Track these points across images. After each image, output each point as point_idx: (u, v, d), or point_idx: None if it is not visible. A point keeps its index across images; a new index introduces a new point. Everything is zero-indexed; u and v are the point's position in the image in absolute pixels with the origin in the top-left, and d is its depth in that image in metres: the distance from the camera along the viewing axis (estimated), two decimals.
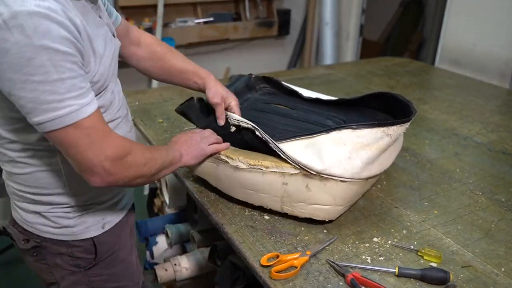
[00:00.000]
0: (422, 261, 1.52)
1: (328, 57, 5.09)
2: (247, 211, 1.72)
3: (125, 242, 1.71)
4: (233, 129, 1.75)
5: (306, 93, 2.09)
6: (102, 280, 1.64)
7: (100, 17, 1.46)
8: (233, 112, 1.79)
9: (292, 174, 1.59)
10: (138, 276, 1.78)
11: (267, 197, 1.66)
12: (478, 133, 2.49)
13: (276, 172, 1.61)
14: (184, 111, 1.84)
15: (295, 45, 5.53)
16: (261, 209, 1.72)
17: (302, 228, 1.65)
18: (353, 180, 1.58)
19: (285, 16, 5.22)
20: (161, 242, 2.79)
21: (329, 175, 1.56)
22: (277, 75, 3.33)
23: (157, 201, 3.01)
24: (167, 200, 2.93)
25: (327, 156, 1.56)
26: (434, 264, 1.50)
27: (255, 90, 2.14)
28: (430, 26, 6.30)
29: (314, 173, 1.56)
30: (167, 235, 2.74)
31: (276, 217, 1.70)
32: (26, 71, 1.14)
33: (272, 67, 5.12)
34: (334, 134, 1.61)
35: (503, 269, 1.50)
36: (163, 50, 1.86)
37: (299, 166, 1.58)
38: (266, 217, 1.69)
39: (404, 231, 1.66)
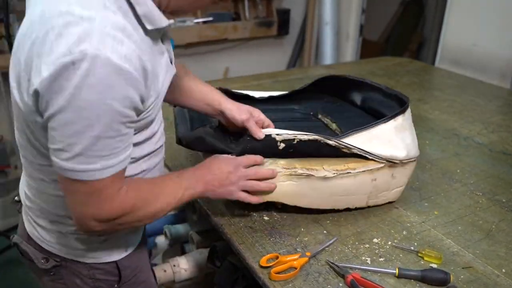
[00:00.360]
0: (422, 262, 1.52)
1: (327, 57, 5.09)
2: (246, 212, 1.72)
3: (145, 263, 1.66)
4: (281, 146, 1.59)
5: (256, 94, 2.10)
6: None
7: (163, 43, 1.34)
8: (267, 125, 1.69)
9: (379, 168, 1.67)
10: None
11: (355, 197, 1.71)
12: (479, 134, 2.49)
13: (365, 171, 1.65)
14: (204, 138, 1.62)
15: (294, 45, 5.53)
16: (261, 210, 1.72)
17: (302, 229, 1.64)
18: (418, 156, 1.77)
19: (284, 16, 5.21)
20: (160, 243, 2.78)
21: (409, 159, 1.71)
22: (276, 75, 3.34)
23: None
24: None
25: (401, 144, 1.69)
26: (434, 265, 1.50)
27: None
28: (430, 26, 6.30)
29: (398, 161, 1.67)
30: (166, 236, 2.73)
31: (276, 218, 1.69)
32: (71, 115, 1.05)
33: (272, 67, 5.10)
34: (393, 123, 1.70)
35: (503, 270, 1.50)
36: (184, 70, 1.71)
37: (386, 160, 1.66)
38: (266, 218, 1.69)
39: (404, 232, 1.66)
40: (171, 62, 1.39)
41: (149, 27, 1.19)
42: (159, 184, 1.37)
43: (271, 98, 2.12)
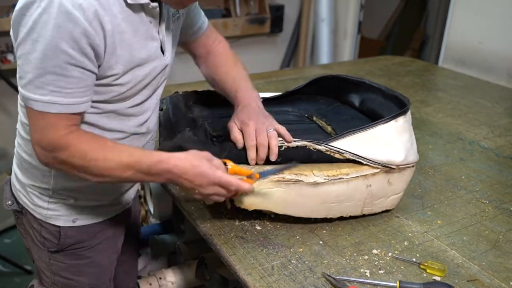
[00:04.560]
0: (425, 275, 1.52)
1: (324, 56, 5.10)
2: (237, 221, 1.72)
3: (99, 243, 1.80)
4: None
5: None
6: (60, 267, 1.77)
7: (158, 32, 1.56)
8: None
9: (374, 174, 1.67)
10: (101, 281, 1.86)
11: (350, 204, 1.71)
12: (485, 138, 2.50)
13: (358, 177, 1.65)
14: (183, 146, 1.60)
15: (288, 43, 5.54)
16: (253, 219, 1.72)
17: (297, 239, 1.65)
18: (417, 161, 1.78)
19: (278, 12, 5.22)
20: (145, 254, 2.78)
21: (406, 165, 1.72)
22: (269, 75, 3.35)
23: (141, 210, 3.00)
24: (151, 209, 2.92)
25: (400, 147, 1.70)
26: (437, 278, 1.50)
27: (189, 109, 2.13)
28: (433, 22, 6.32)
29: (394, 166, 1.68)
30: (151, 247, 2.73)
31: (269, 228, 1.70)
32: (28, 47, 1.29)
33: (264, 66, 5.10)
34: (394, 124, 1.71)
35: (511, 283, 1.51)
36: (229, 63, 1.95)
37: (381, 165, 1.66)
38: (258, 228, 1.69)
39: (406, 243, 1.67)
40: (162, 52, 1.60)
41: (129, 0, 1.40)
42: (114, 151, 1.44)
43: (262, 100, 2.13)
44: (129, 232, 2.05)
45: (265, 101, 2.13)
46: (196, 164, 1.42)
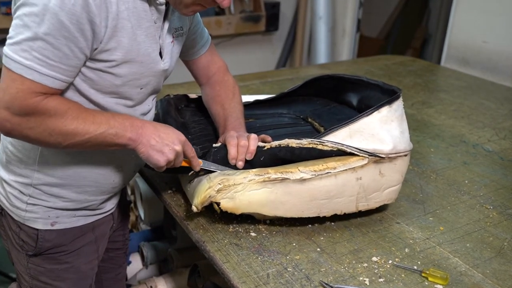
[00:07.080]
0: (426, 283, 1.52)
1: (321, 56, 5.10)
2: (231, 227, 1.72)
3: (79, 248, 1.81)
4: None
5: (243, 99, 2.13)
6: (38, 271, 1.78)
7: (159, 37, 1.62)
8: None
9: (363, 165, 1.67)
10: (81, 287, 1.87)
11: (342, 200, 1.70)
12: (489, 140, 2.50)
13: (346, 170, 1.65)
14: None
15: (284, 42, 5.54)
16: (247, 225, 1.72)
17: (293, 246, 1.65)
18: (410, 150, 1.78)
19: (273, 10, 5.22)
20: (135, 261, 2.78)
21: (396, 153, 1.71)
22: (265, 75, 3.35)
23: (131, 216, 3.00)
24: (142, 215, 2.92)
25: (387, 136, 1.70)
26: (440, 286, 1.50)
27: (180, 113, 2.15)
28: (435, 20, 6.33)
29: (384, 156, 1.67)
30: (142, 254, 2.73)
31: (264, 234, 1.70)
32: (28, 9, 1.31)
33: (259, 66, 5.11)
34: (376, 115, 1.71)
35: None
36: (223, 95, 1.97)
37: (368, 154, 1.66)
38: (253, 234, 1.69)
39: (407, 250, 1.67)
40: (161, 56, 1.64)
41: None
42: (87, 110, 1.49)
43: (257, 102, 2.13)
44: (116, 238, 2.06)
45: (260, 103, 2.13)
46: (167, 126, 1.60)
